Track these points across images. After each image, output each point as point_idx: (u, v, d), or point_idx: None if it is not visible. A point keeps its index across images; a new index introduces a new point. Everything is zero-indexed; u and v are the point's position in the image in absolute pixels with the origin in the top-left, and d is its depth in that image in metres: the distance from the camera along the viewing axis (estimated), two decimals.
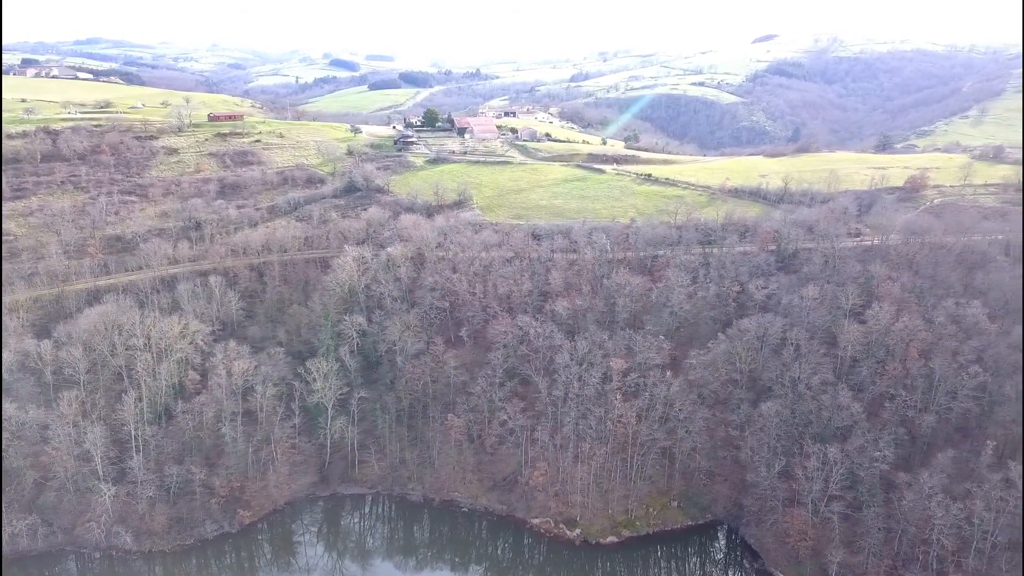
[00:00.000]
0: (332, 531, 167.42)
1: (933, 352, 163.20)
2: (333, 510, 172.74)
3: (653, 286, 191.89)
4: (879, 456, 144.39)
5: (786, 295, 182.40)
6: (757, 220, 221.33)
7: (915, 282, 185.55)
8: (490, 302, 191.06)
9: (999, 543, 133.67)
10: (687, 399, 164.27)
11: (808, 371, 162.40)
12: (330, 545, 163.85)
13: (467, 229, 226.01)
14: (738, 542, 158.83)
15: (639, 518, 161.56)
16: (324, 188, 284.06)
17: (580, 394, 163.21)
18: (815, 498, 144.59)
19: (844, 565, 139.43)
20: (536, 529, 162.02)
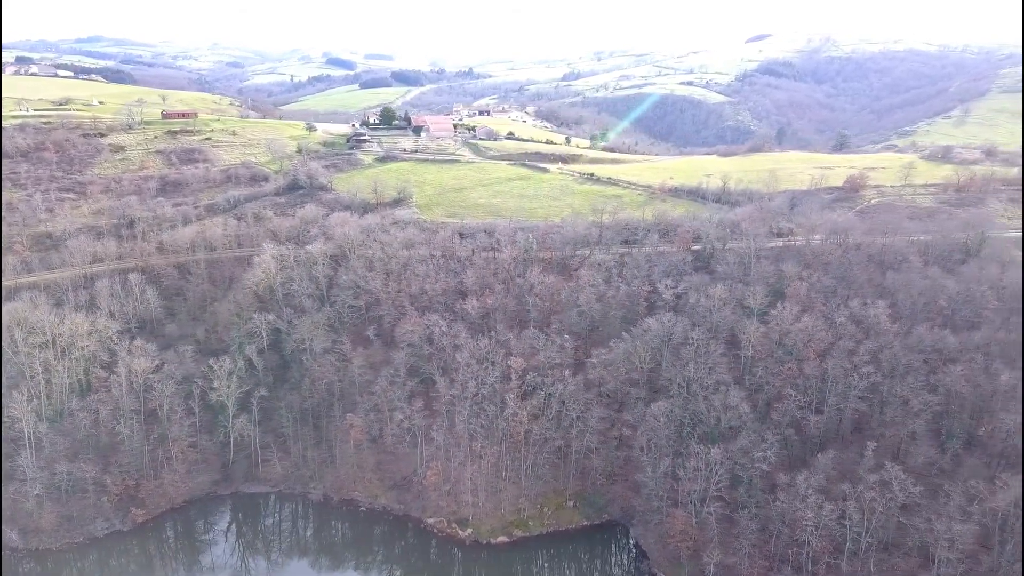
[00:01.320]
0: (232, 529, 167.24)
1: (830, 353, 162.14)
2: (234, 509, 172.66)
3: (564, 285, 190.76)
4: (760, 457, 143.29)
5: (693, 295, 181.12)
6: (682, 220, 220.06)
7: (825, 282, 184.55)
8: (402, 301, 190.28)
9: (870, 545, 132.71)
10: (581, 398, 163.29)
11: (703, 371, 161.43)
12: (228, 543, 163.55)
13: (393, 227, 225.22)
14: (631, 543, 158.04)
15: (532, 518, 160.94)
16: (266, 186, 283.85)
17: (476, 393, 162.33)
18: (697, 499, 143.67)
19: (721, 566, 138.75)
20: (430, 529, 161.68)
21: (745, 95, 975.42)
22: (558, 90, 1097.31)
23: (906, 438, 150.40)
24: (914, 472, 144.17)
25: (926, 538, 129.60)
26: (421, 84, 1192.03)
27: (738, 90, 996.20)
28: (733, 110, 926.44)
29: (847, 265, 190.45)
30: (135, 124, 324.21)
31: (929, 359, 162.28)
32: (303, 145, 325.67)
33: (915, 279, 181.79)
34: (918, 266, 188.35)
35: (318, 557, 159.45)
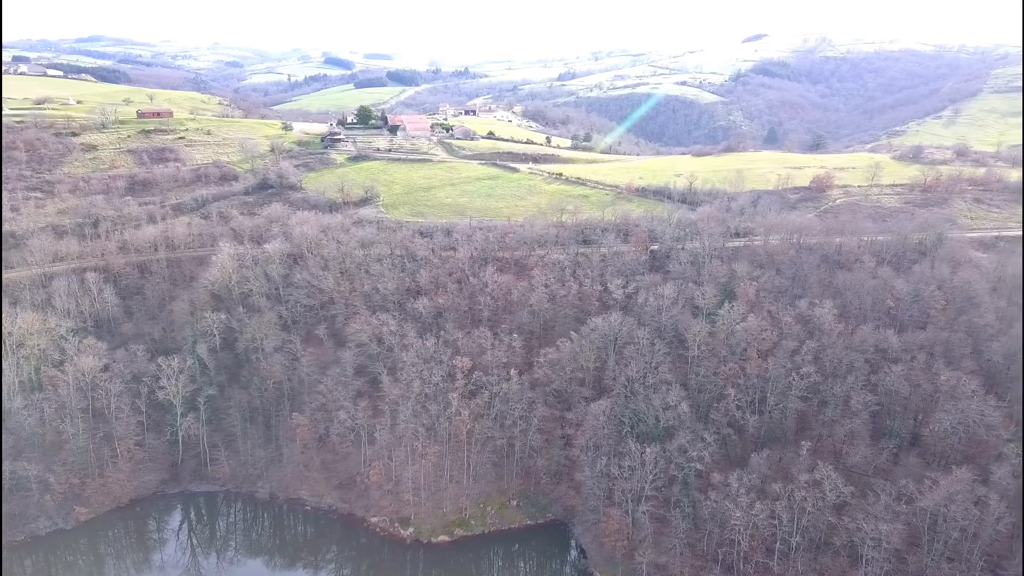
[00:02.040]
0: (178, 528, 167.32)
1: (773, 353, 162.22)
2: (182, 508, 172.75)
3: (517, 285, 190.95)
4: (696, 456, 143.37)
5: (643, 295, 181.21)
6: (641, 220, 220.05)
7: (775, 282, 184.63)
8: (355, 300, 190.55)
9: (800, 544, 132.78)
10: (525, 397, 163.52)
11: (645, 370, 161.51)
12: (175, 542, 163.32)
13: (353, 226, 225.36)
14: (573, 543, 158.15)
15: (474, 517, 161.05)
16: (236, 185, 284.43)
17: (420, 392, 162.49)
18: (632, 498, 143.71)
19: (654, 565, 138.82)
20: (373, 528, 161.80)
21: (738, 95, 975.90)
22: (552, 90, 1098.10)
23: (844, 438, 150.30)
24: (853, 471, 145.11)
25: (854, 537, 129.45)
26: (416, 84, 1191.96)
27: (731, 90, 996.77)
28: (725, 110, 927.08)
29: (799, 265, 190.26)
30: (109, 123, 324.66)
31: (871, 359, 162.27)
32: (276, 144, 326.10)
33: (865, 279, 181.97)
34: (870, 266, 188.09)
35: (262, 556, 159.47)
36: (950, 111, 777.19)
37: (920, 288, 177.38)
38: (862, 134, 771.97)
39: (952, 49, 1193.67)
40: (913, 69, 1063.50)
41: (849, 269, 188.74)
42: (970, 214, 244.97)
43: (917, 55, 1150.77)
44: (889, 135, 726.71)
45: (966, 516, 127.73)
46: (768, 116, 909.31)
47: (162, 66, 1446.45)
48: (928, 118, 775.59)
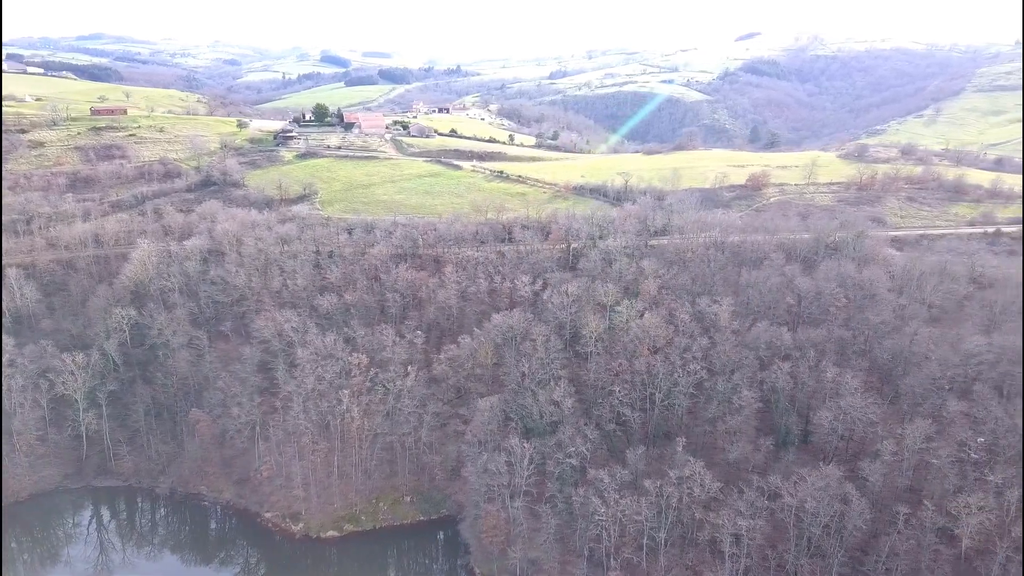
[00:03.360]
0: (76, 523, 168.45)
1: (664, 349, 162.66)
2: (83, 502, 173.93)
3: (428, 282, 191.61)
4: (573, 452, 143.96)
5: (548, 292, 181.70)
6: (561, 218, 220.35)
7: (679, 280, 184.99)
8: (263, 296, 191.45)
9: (666, 540, 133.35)
10: (419, 394, 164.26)
11: (536, 366, 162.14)
12: (72, 537, 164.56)
13: (279, 223, 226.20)
14: (460, 539, 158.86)
15: (365, 513, 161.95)
16: (178, 183, 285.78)
17: (313, 389, 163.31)
18: (508, 493, 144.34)
19: (528, 561, 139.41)
20: (266, 523, 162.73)
21: (724, 94, 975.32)
22: (540, 88, 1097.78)
23: (725, 434, 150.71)
24: (732, 468, 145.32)
25: (716, 533, 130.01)
26: (408, 82, 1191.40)
27: (718, 88, 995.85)
28: (710, 109, 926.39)
29: (708, 263, 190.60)
30: (60, 120, 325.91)
31: (763, 356, 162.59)
32: (227, 142, 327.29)
33: (769, 277, 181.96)
34: (778, 264, 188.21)
35: (159, 552, 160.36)
36: (932, 110, 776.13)
37: (822, 286, 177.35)
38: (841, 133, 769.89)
39: (944, 48, 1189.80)
40: (903, 68, 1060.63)
41: (756, 267, 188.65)
42: (900, 212, 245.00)
43: (908, 54, 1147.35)
44: (869, 134, 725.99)
45: (828, 512, 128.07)
46: (753, 115, 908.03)
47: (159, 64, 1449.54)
48: (910, 117, 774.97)
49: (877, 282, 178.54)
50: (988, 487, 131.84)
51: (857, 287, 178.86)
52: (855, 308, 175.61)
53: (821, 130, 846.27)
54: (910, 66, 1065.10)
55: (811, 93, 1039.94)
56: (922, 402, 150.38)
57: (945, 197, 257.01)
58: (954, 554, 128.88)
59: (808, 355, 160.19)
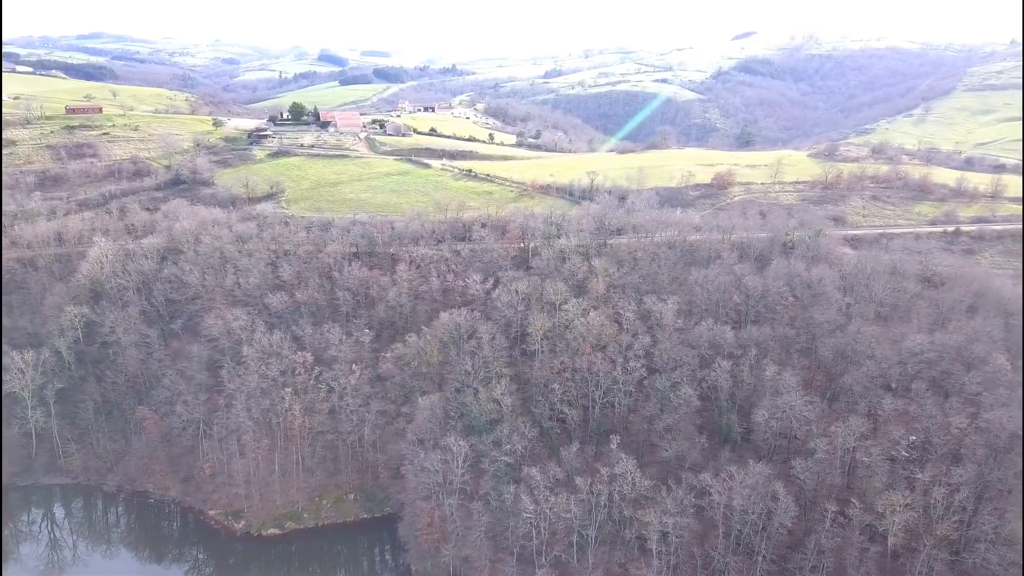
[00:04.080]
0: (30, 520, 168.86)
1: (605, 347, 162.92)
2: (32, 500, 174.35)
3: (380, 280, 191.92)
4: (507, 450, 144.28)
5: (498, 290, 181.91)
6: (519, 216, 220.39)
7: (629, 278, 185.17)
8: (215, 294, 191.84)
9: (595, 538, 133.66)
10: (363, 392, 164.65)
11: (479, 365, 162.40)
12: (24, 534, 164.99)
13: (240, 221, 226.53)
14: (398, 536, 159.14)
15: (308, 511, 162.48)
16: (147, 181, 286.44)
17: (256, 387, 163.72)
18: (444, 491, 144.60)
19: (461, 558, 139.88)
20: (209, 521, 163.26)
21: (717, 93, 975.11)
22: (533, 87, 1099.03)
23: (662, 432, 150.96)
24: (668, 466, 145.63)
25: (643, 531, 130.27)
26: (403, 81, 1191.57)
27: (711, 88, 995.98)
28: (701, 108, 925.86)
29: (658, 262, 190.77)
30: (34, 119, 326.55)
31: (705, 354, 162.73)
32: (200, 140, 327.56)
33: (718, 276, 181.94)
34: (729, 263, 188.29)
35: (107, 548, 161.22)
36: (921, 109, 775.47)
37: (770, 284, 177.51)
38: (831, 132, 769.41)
39: (939, 47, 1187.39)
40: (897, 67, 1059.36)
41: (707, 266, 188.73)
42: (863, 211, 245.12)
43: (902, 53, 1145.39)
44: (858, 133, 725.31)
45: (755, 510, 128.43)
46: (744, 114, 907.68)
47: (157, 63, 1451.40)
48: (899, 116, 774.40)
49: (825, 281, 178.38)
50: (916, 485, 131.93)
51: (805, 286, 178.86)
52: (802, 307, 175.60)
53: (812, 129, 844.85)
54: (904, 65, 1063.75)
55: (804, 92, 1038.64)
56: (859, 400, 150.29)
57: (909, 196, 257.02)
58: (880, 552, 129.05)
59: (749, 353, 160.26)
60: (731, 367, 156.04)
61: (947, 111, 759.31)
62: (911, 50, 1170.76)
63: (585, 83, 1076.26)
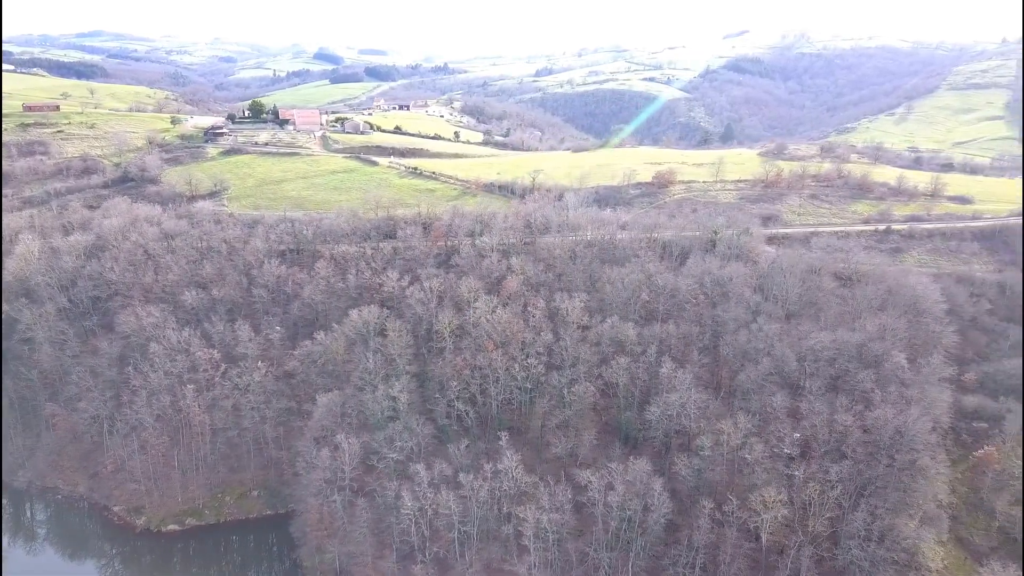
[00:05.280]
0: None
1: (507, 345, 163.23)
2: None
3: (297, 277, 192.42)
4: (398, 446, 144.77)
5: (412, 288, 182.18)
6: (446, 214, 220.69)
7: (542, 276, 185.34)
8: (134, 291, 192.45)
9: (474, 534, 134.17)
10: (268, 389, 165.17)
11: (380, 363, 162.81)
12: None
13: (174, 219, 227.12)
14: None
15: (209, 507, 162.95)
16: (94, 179, 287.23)
17: (159, 383, 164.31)
18: (334, 488, 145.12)
19: (347, 554, 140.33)
20: (114, 517, 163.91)
21: (704, 91, 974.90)
22: (522, 86, 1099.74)
23: (556, 429, 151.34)
24: (559, 463, 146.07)
25: (519, 527, 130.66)
26: (393, 79, 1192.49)
27: (698, 86, 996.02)
28: (687, 106, 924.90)
29: (575, 260, 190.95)
30: None
31: (606, 352, 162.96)
32: (154, 138, 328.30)
33: (630, 274, 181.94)
34: (643, 261, 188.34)
35: (14, 544, 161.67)
36: (903, 108, 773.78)
37: (681, 282, 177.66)
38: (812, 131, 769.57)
39: (930, 46, 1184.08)
40: (886, 66, 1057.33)
41: (623, 264, 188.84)
42: (799, 210, 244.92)
43: (893, 52, 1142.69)
44: (839, 132, 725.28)
45: (631, 506, 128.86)
46: (729, 112, 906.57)
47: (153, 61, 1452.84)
48: (881, 115, 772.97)
49: (737, 279, 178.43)
50: (793, 483, 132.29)
51: (716, 284, 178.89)
52: (710, 304, 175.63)
53: (797, 128, 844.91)
54: (894, 64, 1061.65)
55: (792, 91, 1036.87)
56: (752, 397, 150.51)
57: (849, 195, 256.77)
58: (755, 548, 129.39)
59: (649, 351, 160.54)
60: (628, 364, 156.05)
61: (929, 110, 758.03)
62: (902, 49, 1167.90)
63: (574, 82, 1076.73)
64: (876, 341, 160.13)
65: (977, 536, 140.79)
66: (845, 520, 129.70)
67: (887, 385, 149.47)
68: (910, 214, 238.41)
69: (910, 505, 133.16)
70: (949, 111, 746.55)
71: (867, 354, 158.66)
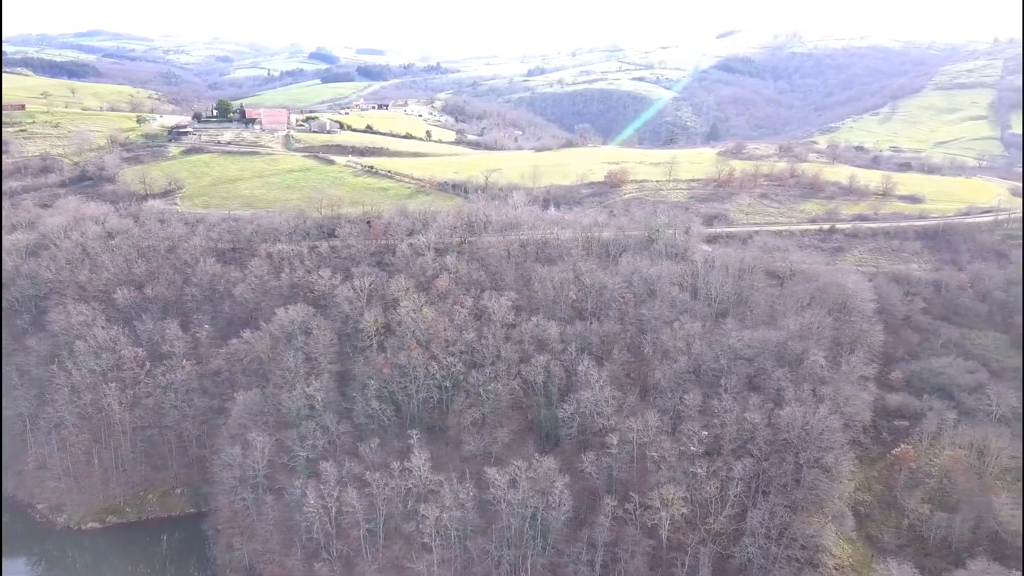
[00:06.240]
0: None
1: (431, 343, 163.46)
2: None
3: (230, 275, 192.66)
4: (309, 445, 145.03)
5: (341, 286, 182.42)
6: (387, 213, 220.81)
7: (474, 275, 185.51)
8: (66, 290, 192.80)
9: (379, 532, 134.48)
10: (188, 388, 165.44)
11: (300, 361, 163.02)
12: None
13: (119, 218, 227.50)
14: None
15: (131, 505, 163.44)
16: (51, 178, 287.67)
17: (80, 381, 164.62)
18: (249, 485, 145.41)
19: (255, 552, 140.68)
20: (36, 515, 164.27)
21: (692, 91, 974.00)
22: (512, 85, 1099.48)
23: (471, 426, 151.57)
24: (472, 461, 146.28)
25: (421, 525, 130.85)
26: (385, 79, 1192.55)
27: (686, 86, 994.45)
28: (674, 106, 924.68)
29: (508, 259, 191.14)
30: None
31: (527, 350, 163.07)
32: (116, 137, 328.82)
33: (562, 272, 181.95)
34: (573, 260, 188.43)
35: None
36: (888, 108, 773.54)
37: (607, 281, 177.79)
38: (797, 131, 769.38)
39: (922, 45, 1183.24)
40: (877, 66, 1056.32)
41: (556, 263, 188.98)
42: (747, 209, 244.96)
43: (884, 51, 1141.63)
44: (822, 131, 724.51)
45: (533, 504, 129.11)
46: (716, 112, 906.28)
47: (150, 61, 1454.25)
48: (866, 114, 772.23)
49: (665, 277, 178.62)
50: (694, 480, 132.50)
51: (644, 283, 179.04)
52: (637, 303, 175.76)
53: (784, 127, 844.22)
54: (884, 64, 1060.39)
55: (782, 91, 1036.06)
56: (666, 396, 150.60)
57: (799, 194, 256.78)
58: (654, 546, 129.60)
59: (569, 349, 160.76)
60: (547, 362, 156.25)
61: (914, 109, 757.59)
62: (893, 49, 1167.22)
63: (564, 81, 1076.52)
64: (797, 340, 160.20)
65: (887, 534, 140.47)
66: (744, 518, 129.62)
67: (802, 383, 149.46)
68: (857, 213, 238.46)
69: (813, 503, 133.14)
70: (934, 111, 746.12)
71: (787, 352, 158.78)
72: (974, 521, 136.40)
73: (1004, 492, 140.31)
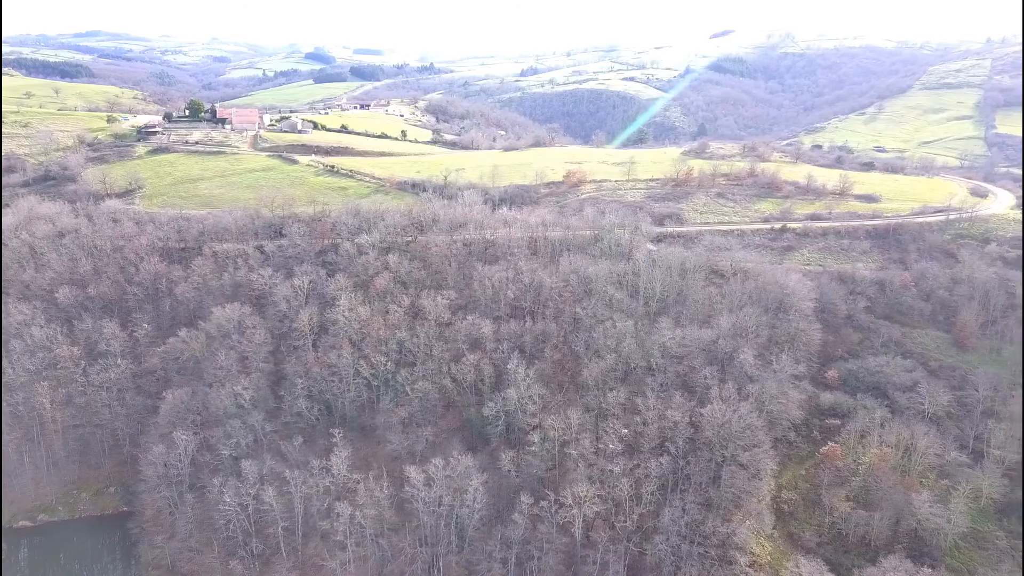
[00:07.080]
0: None
1: (362, 342, 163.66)
2: None
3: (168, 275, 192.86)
4: (233, 443, 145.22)
5: (280, 286, 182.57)
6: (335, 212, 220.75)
7: (416, 275, 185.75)
8: (11, 288, 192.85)
9: (297, 530, 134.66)
10: (121, 387, 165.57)
11: (233, 359, 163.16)
12: None
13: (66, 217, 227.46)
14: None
15: (63, 503, 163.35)
16: (13, 177, 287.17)
17: (11, 380, 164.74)
18: (172, 483, 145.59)
19: (177, 549, 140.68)
20: None
21: (681, 91, 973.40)
22: (503, 86, 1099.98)
23: (394, 424, 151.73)
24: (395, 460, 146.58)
25: (335, 523, 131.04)
26: (378, 79, 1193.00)
27: (676, 86, 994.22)
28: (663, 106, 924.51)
29: (451, 258, 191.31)
30: None
31: (461, 348, 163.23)
32: (84, 136, 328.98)
33: (500, 272, 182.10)
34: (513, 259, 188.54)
35: None
36: (875, 107, 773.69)
37: (545, 280, 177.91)
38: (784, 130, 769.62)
39: (915, 45, 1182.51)
40: (868, 66, 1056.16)
41: (498, 262, 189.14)
42: (702, 209, 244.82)
43: (876, 51, 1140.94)
44: (808, 131, 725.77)
45: (447, 501, 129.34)
46: (704, 112, 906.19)
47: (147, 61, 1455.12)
48: (852, 114, 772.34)
49: (601, 277, 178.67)
50: (610, 478, 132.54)
51: (581, 281, 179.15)
52: (575, 301, 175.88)
53: (771, 127, 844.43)
54: (876, 64, 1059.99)
55: (772, 91, 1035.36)
56: (591, 393, 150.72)
57: (756, 193, 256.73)
58: (569, 543, 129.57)
59: (501, 347, 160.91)
60: (477, 360, 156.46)
61: (900, 109, 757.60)
62: (885, 48, 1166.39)
63: (555, 81, 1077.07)
64: (729, 338, 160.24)
65: (808, 532, 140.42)
66: (658, 515, 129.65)
67: (729, 382, 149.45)
68: (811, 212, 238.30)
69: (731, 501, 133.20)
70: (919, 110, 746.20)
71: (718, 351, 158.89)
72: (894, 519, 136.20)
73: (925, 490, 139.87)
